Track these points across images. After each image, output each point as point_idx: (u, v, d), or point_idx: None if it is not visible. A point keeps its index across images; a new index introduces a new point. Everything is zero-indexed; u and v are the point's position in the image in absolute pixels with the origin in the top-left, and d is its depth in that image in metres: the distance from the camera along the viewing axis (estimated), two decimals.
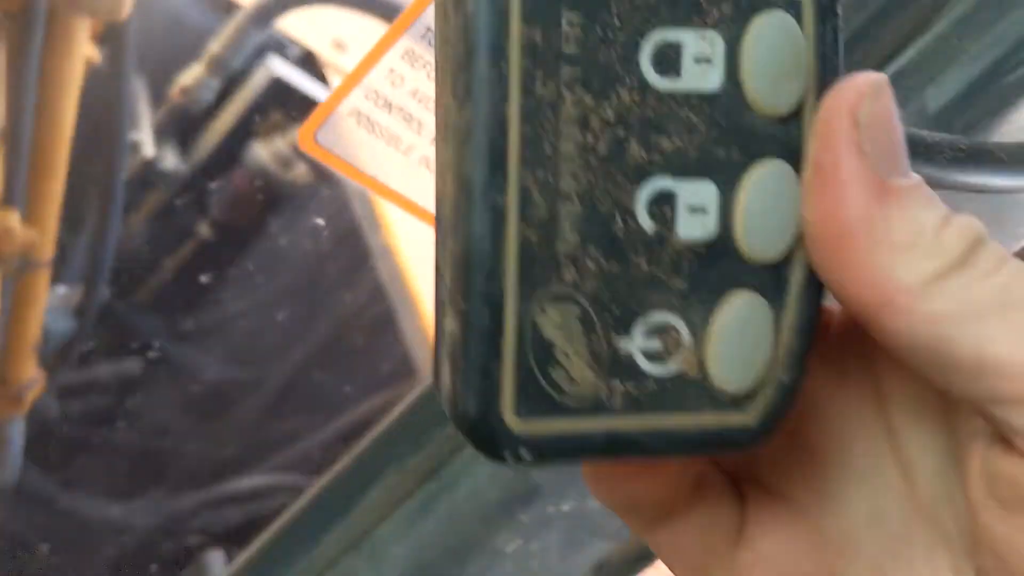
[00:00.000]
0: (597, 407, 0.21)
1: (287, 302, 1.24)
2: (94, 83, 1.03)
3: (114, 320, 1.09)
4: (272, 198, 1.28)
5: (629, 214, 0.21)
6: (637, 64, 0.20)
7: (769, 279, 0.21)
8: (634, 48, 0.20)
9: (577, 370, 0.21)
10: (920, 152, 0.23)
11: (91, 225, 0.94)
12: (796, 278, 0.22)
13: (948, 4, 0.34)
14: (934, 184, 0.23)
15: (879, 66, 0.35)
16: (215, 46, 1.27)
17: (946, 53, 0.35)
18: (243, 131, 1.30)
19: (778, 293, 0.21)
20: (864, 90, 0.20)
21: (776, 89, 0.21)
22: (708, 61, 0.20)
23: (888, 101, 0.20)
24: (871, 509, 0.24)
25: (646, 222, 0.21)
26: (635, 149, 0.20)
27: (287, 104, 1.30)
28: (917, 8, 0.34)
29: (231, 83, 1.30)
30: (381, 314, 1.14)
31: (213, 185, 1.29)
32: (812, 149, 0.21)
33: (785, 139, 0.21)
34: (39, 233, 0.70)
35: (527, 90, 0.20)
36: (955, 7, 0.34)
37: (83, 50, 0.68)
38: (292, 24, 1.30)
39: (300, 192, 1.26)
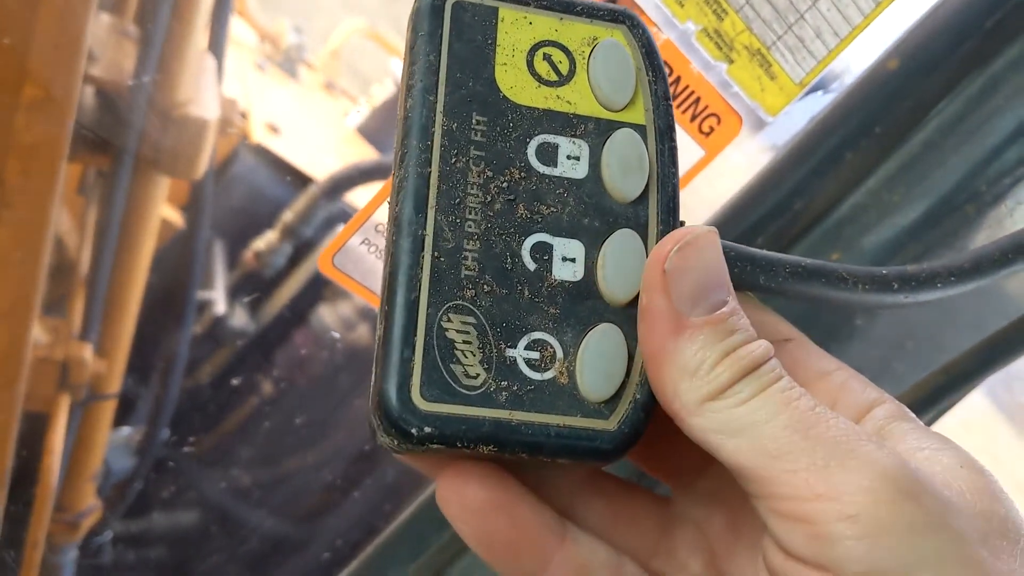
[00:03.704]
0: (486, 399, 0.26)
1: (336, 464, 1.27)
2: (174, 245, 1.12)
3: (174, 471, 1.13)
4: (336, 359, 1.33)
5: (516, 256, 0.27)
6: (525, 154, 0.27)
7: (625, 316, 0.27)
8: (523, 143, 0.28)
9: (472, 367, 0.26)
10: (761, 266, 0.28)
11: (158, 373, 1.00)
12: None
13: (879, 163, 0.39)
14: (775, 293, 0.28)
15: (821, 212, 0.40)
16: (289, 215, 1.38)
17: (877, 206, 0.39)
18: (311, 295, 1.38)
19: (632, 327, 0.27)
20: (672, 244, 0.26)
21: (626, 182, 0.28)
22: (576, 159, 0.28)
23: (693, 253, 0.26)
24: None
25: (529, 263, 0.27)
26: (522, 210, 0.27)
27: None
28: (849, 167, 0.39)
29: (302, 250, 1.39)
30: None
31: (278, 344, 1.35)
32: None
33: (634, 216, 0.28)
34: (108, 366, 0.77)
35: (444, 160, 0.27)
36: (884, 166, 0.39)
37: (160, 208, 0.77)
38: (361, 198, 1.40)
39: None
